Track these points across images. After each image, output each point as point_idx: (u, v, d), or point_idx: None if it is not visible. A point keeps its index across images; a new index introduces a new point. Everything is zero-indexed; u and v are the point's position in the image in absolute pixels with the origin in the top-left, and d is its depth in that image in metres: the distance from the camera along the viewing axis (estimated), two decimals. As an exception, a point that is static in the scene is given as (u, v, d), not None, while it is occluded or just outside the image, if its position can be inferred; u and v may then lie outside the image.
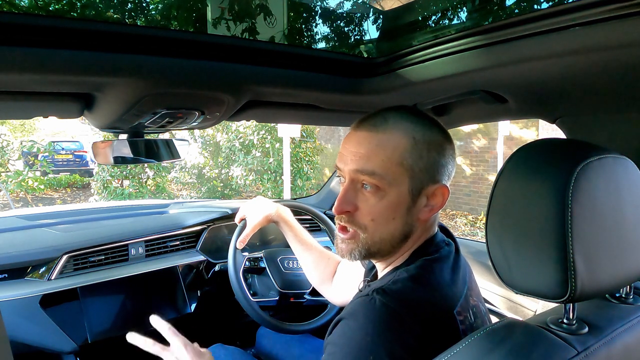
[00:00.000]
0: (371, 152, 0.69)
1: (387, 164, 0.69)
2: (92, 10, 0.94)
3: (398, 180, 0.69)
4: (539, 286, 0.53)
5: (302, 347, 1.39)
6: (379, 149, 0.69)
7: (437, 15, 1.01)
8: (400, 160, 0.69)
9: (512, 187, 0.56)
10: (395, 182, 0.69)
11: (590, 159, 0.52)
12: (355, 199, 0.72)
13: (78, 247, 1.39)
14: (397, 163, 0.69)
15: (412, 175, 0.70)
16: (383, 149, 0.69)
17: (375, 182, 0.69)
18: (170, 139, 1.14)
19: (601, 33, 0.59)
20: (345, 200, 0.72)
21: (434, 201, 0.72)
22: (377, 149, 0.69)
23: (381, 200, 0.70)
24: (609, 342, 0.56)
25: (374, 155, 0.69)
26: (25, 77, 0.71)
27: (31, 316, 1.26)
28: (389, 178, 0.69)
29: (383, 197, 0.70)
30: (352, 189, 0.72)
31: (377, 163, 0.69)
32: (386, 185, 0.69)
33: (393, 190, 0.69)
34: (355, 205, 0.72)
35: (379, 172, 0.69)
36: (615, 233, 0.54)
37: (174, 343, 0.92)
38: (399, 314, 0.62)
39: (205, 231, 1.66)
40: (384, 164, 0.69)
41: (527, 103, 0.94)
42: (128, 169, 7.15)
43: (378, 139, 0.70)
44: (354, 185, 0.72)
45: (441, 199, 0.72)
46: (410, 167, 0.69)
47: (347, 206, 0.72)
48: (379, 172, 0.69)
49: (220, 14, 0.92)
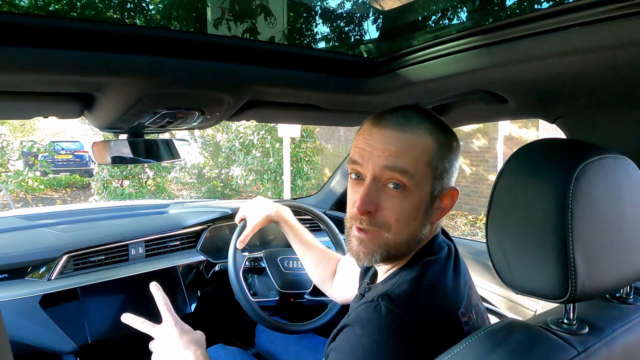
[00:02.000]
0: (402, 150, 0.68)
1: (418, 164, 0.68)
2: (92, 10, 0.94)
3: (424, 181, 0.69)
4: (539, 286, 0.53)
5: (300, 345, 1.39)
6: (409, 147, 0.68)
7: (437, 15, 1.00)
8: (428, 160, 0.68)
9: (513, 187, 0.56)
10: (421, 183, 0.69)
11: (590, 159, 0.52)
12: (378, 198, 0.69)
13: (78, 247, 1.39)
14: (426, 163, 0.68)
15: (435, 177, 0.70)
16: (413, 148, 0.68)
17: (405, 180, 0.67)
18: (170, 139, 1.13)
19: (601, 33, 0.59)
20: (369, 199, 0.68)
21: (445, 203, 0.72)
22: (408, 148, 0.68)
23: (405, 200, 0.68)
24: (610, 342, 0.56)
25: (404, 153, 0.68)
26: (25, 77, 0.70)
27: (31, 316, 1.25)
28: (417, 178, 0.68)
29: (407, 197, 0.68)
30: (374, 187, 0.69)
31: (409, 161, 0.67)
32: (413, 185, 0.68)
33: (417, 191, 0.68)
34: (377, 205, 0.69)
35: (410, 170, 0.67)
36: (615, 233, 0.54)
37: (166, 319, 0.92)
38: (405, 319, 0.62)
39: (206, 231, 1.66)
40: (414, 162, 0.68)
41: (527, 103, 0.94)
42: (128, 169, 7.15)
43: (407, 138, 0.68)
44: (376, 183, 0.69)
45: (451, 201, 0.73)
46: (434, 169, 0.69)
47: (370, 206, 0.68)
48: (410, 171, 0.67)
49: (220, 14, 0.92)
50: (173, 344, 0.89)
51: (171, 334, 0.90)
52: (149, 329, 0.92)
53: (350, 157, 0.73)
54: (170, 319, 0.92)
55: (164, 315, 0.93)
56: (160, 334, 0.91)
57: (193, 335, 0.92)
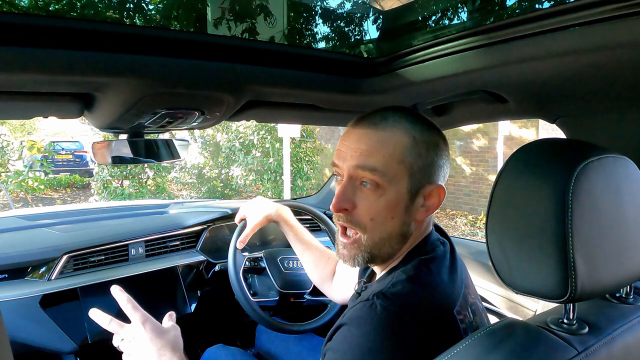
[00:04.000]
0: (372, 149, 0.69)
1: (389, 161, 0.68)
2: (91, 10, 0.94)
3: (398, 178, 0.69)
4: (539, 286, 0.53)
5: (301, 345, 1.39)
6: (380, 145, 0.69)
7: (437, 15, 1.00)
8: (401, 158, 0.69)
9: (513, 187, 0.56)
10: (395, 180, 0.69)
11: (590, 159, 0.52)
12: (354, 197, 0.71)
13: (78, 247, 1.38)
14: (398, 161, 0.69)
15: (411, 174, 0.69)
16: (384, 145, 0.68)
17: (375, 178, 0.68)
18: (170, 139, 1.13)
19: (601, 33, 0.59)
20: (344, 197, 0.71)
21: (430, 201, 0.72)
22: (379, 146, 0.69)
23: (380, 198, 0.69)
24: (609, 342, 0.56)
25: (375, 151, 0.68)
26: (25, 77, 0.70)
27: (31, 316, 1.25)
28: (390, 175, 0.68)
29: (382, 195, 0.69)
30: (350, 186, 0.71)
31: (379, 159, 0.68)
32: (386, 182, 0.69)
33: (392, 189, 0.69)
34: (353, 203, 0.71)
35: (380, 168, 0.68)
36: (615, 233, 0.54)
37: (133, 319, 0.86)
38: (400, 317, 0.62)
39: (206, 231, 1.66)
40: (385, 160, 0.68)
41: (527, 103, 0.94)
42: (128, 169, 7.15)
43: (379, 136, 0.69)
44: (352, 182, 0.71)
45: (437, 200, 0.72)
46: (409, 166, 0.69)
47: (345, 204, 0.71)
48: (380, 169, 0.68)
49: (220, 14, 0.92)
50: (145, 348, 0.84)
51: (142, 337, 0.85)
52: (117, 329, 0.87)
53: (332, 159, 0.75)
54: (138, 319, 0.86)
55: (130, 316, 0.87)
56: (129, 335, 0.86)
57: (167, 336, 0.87)
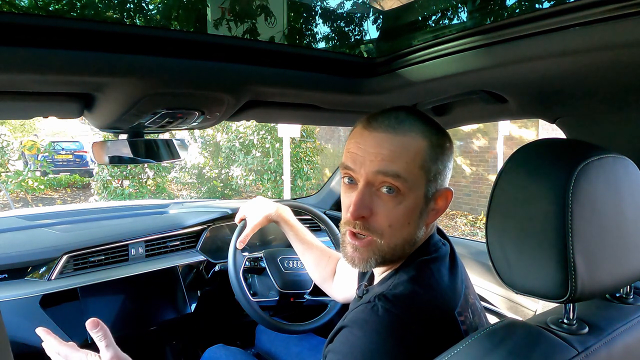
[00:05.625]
0: (394, 154, 0.67)
1: (411, 167, 0.67)
2: (91, 10, 0.93)
3: (417, 184, 0.68)
4: (539, 286, 0.53)
5: (301, 345, 1.39)
6: (402, 150, 0.67)
7: (437, 15, 1.00)
8: (422, 163, 0.68)
9: (512, 187, 0.56)
10: (415, 186, 0.68)
11: (590, 159, 0.52)
12: (371, 203, 0.68)
13: (78, 247, 1.38)
14: (419, 166, 0.67)
15: (429, 179, 0.69)
16: (406, 151, 0.67)
17: (398, 185, 0.66)
18: (170, 139, 1.14)
19: (601, 33, 0.59)
20: (362, 204, 0.68)
21: (439, 204, 0.72)
22: (401, 151, 0.67)
23: (399, 205, 0.67)
24: (610, 342, 0.56)
25: (397, 157, 0.67)
26: (25, 77, 0.70)
27: (31, 316, 1.25)
28: (411, 182, 0.67)
29: (402, 201, 0.67)
30: (368, 192, 0.68)
31: (402, 165, 0.66)
32: (407, 189, 0.67)
33: (411, 195, 0.68)
34: (371, 210, 0.68)
35: (403, 174, 0.66)
36: (615, 233, 0.54)
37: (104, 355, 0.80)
38: (402, 319, 0.62)
39: (206, 231, 1.66)
40: (407, 166, 0.67)
41: (527, 103, 0.94)
42: (128, 169, 7.15)
43: (399, 141, 0.67)
44: (369, 188, 0.68)
45: (445, 202, 0.72)
46: (428, 171, 0.68)
47: (363, 211, 0.68)
48: (403, 175, 0.66)
49: (220, 15, 0.92)
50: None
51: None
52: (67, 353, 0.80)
53: (343, 162, 0.72)
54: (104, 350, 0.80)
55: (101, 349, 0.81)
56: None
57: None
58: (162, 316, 0.93)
